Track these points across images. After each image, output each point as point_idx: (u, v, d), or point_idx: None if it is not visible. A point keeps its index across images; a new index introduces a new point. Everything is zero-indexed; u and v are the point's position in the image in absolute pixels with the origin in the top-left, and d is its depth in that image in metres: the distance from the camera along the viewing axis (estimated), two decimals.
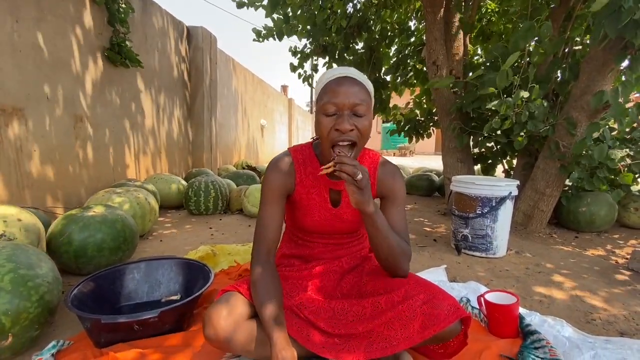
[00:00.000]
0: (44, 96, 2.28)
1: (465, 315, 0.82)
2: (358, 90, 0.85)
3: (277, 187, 0.96)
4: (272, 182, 0.96)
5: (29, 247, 1.09)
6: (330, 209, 1.00)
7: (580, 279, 1.65)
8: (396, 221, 0.98)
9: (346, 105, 0.84)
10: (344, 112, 0.84)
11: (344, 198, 1.01)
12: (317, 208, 0.99)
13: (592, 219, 2.45)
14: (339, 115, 0.85)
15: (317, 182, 0.99)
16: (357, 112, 0.85)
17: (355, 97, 0.84)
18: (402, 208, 1.02)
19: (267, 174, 0.98)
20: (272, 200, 0.96)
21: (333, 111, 0.85)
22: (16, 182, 2.10)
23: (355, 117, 0.86)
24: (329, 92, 0.85)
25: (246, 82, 6.60)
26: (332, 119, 0.85)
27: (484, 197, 1.88)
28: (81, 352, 0.96)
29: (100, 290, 1.19)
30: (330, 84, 0.86)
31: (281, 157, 1.00)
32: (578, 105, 2.17)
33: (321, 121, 0.86)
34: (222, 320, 0.81)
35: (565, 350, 1.03)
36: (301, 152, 1.01)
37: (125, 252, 1.62)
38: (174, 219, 2.78)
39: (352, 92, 0.84)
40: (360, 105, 0.85)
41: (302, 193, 0.99)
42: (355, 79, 0.87)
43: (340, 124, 0.84)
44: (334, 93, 0.84)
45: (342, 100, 0.84)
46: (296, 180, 0.98)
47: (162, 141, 3.77)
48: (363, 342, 0.87)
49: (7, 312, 0.90)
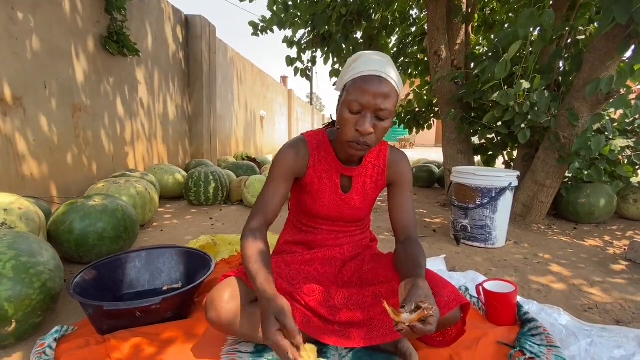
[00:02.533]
0: (42, 85, 2.26)
1: (465, 302, 0.83)
2: (387, 93, 0.82)
3: (288, 166, 0.97)
4: (283, 160, 0.97)
5: (30, 235, 1.09)
6: (341, 194, 1.01)
7: (577, 269, 1.67)
8: (405, 207, 1.02)
9: (371, 108, 0.83)
10: (368, 113, 0.83)
11: (354, 184, 1.02)
12: (327, 193, 1.00)
13: (591, 210, 2.46)
14: (362, 116, 0.84)
15: (329, 167, 1.00)
16: (380, 116, 0.84)
17: (382, 101, 0.82)
18: (411, 193, 1.05)
19: (280, 152, 0.98)
20: (279, 177, 0.96)
21: (357, 110, 0.84)
22: (15, 171, 2.09)
23: (378, 119, 0.85)
24: (357, 90, 0.83)
25: (245, 72, 6.54)
26: (355, 117, 0.84)
27: (484, 187, 1.88)
28: (84, 338, 0.97)
29: (102, 278, 1.19)
30: (361, 81, 0.83)
31: (296, 140, 1.01)
32: (580, 96, 2.15)
33: (344, 116, 0.85)
34: (225, 303, 0.82)
35: (562, 337, 1.04)
36: (315, 137, 1.02)
37: (126, 242, 1.63)
38: (174, 209, 2.78)
39: (380, 95, 0.82)
40: (384, 110, 0.83)
41: (313, 177, 0.99)
42: (388, 81, 0.83)
43: (362, 125, 0.83)
44: (362, 92, 0.82)
45: (369, 101, 0.82)
46: (309, 164, 0.99)
47: (161, 131, 3.75)
48: (363, 329, 0.88)
49: (10, 299, 0.91)
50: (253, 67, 7.02)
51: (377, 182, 1.04)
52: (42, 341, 0.94)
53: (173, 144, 4.00)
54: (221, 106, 5.22)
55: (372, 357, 0.92)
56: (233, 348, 0.91)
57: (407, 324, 0.65)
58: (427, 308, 0.65)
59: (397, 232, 1.03)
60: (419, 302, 0.68)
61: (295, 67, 3.65)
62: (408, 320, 0.65)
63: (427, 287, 0.75)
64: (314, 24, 3.31)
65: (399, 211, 1.02)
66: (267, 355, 0.90)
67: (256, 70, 7.26)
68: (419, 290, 0.72)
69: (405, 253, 0.92)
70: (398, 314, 0.67)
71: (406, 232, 1.01)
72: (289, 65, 3.55)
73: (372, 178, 1.03)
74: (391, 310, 0.67)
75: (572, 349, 0.99)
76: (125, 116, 3.14)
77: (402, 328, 0.65)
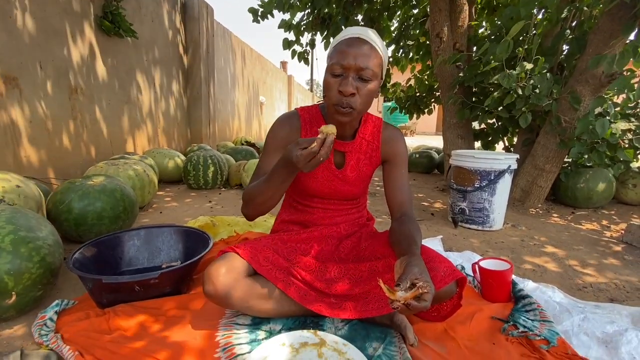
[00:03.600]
0: (37, 65, 2.22)
1: (461, 277, 0.84)
2: (368, 53, 0.84)
3: (282, 138, 0.97)
4: (277, 132, 0.98)
5: (28, 211, 1.09)
6: (334, 170, 1.01)
7: (573, 251, 1.68)
8: (400, 183, 1.02)
9: (352, 68, 0.83)
10: (350, 74, 0.83)
11: (347, 160, 1.01)
12: (320, 169, 1.00)
13: (589, 195, 2.46)
14: (344, 77, 0.84)
15: None
16: (363, 76, 0.84)
17: (363, 61, 0.83)
18: (406, 170, 1.05)
19: (273, 126, 0.99)
20: (274, 150, 0.97)
21: (339, 72, 0.84)
22: (13, 153, 2.08)
23: (361, 80, 0.85)
24: (338, 52, 0.84)
25: (244, 56, 6.44)
26: (338, 79, 0.85)
27: (483, 170, 1.88)
28: (84, 312, 0.98)
29: (102, 255, 1.20)
30: (342, 44, 0.85)
31: (289, 114, 1.01)
32: (583, 79, 2.13)
33: (327, 80, 0.86)
34: (221, 276, 0.82)
35: (555, 313, 1.06)
36: (308, 112, 1.01)
37: (125, 222, 1.63)
38: (173, 192, 2.78)
39: (360, 55, 0.82)
40: (366, 70, 0.83)
41: None
42: (368, 42, 0.85)
43: (343, 86, 0.83)
44: (343, 54, 0.83)
45: (349, 62, 0.83)
46: (302, 137, 0.99)
47: (159, 115, 3.72)
48: (359, 301, 0.89)
49: (9, 272, 0.92)
50: (252, 51, 6.91)
51: (371, 158, 1.04)
52: (43, 314, 0.96)
53: (171, 128, 3.97)
54: (220, 91, 5.16)
55: (368, 330, 0.93)
56: (230, 320, 0.93)
57: (402, 302, 0.66)
58: (421, 286, 0.66)
59: (393, 210, 1.03)
60: (414, 279, 0.69)
61: (293, 50, 3.55)
62: (403, 298, 0.66)
63: (422, 264, 0.75)
64: (314, 4, 3.24)
65: (394, 188, 1.02)
66: (263, 326, 0.91)
67: (255, 54, 7.15)
68: (414, 267, 0.72)
69: (400, 230, 0.92)
70: (393, 292, 0.67)
71: (401, 208, 1.01)
72: (286, 48, 3.46)
73: (367, 154, 1.03)
74: (386, 288, 0.67)
75: (565, 324, 1.00)
76: (123, 99, 3.10)
77: (397, 306, 0.66)
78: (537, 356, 0.86)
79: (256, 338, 0.87)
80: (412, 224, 0.94)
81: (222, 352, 0.82)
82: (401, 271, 0.74)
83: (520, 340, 0.92)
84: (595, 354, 0.89)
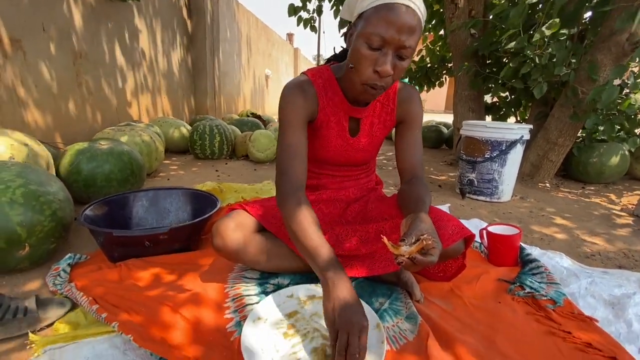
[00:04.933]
0: (40, 27, 2.17)
1: (470, 234, 0.83)
2: (414, 27, 0.71)
3: (302, 107, 0.85)
4: (296, 102, 0.84)
5: (38, 167, 1.10)
6: (348, 138, 0.95)
7: (582, 222, 1.67)
8: (414, 146, 0.97)
9: (394, 44, 0.71)
10: (389, 50, 0.72)
11: (362, 126, 0.96)
12: (334, 137, 0.94)
13: (601, 170, 2.41)
14: (383, 53, 0.72)
15: (337, 110, 0.92)
16: (402, 55, 0.73)
17: (407, 38, 0.71)
18: (419, 132, 1.00)
19: (288, 96, 0.85)
20: (297, 124, 0.84)
21: (378, 45, 0.72)
22: (20, 118, 2.08)
23: (398, 58, 0.74)
24: (381, 19, 0.70)
25: (250, 26, 6.26)
26: (374, 53, 0.73)
27: (494, 140, 1.84)
28: (96, 265, 1.01)
29: (111, 214, 1.22)
30: (386, 9, 0.70)
31: (299, 81, 0.88)
32: (605, 47, 2.02)
33: (362, 52, 0.74)
34: (230, 231, 0.83)
35: (562, 277, 1.06)
36: (320, 76, 0.90)
37: (133, 185, 1.64)
38: (180, 162, 2.79)
39: (406, 30, 0.70)
40: (408, 48, 0.73)
41: (322, 121, 0.92)
42: (416, 13, 0.71)
43: (382, 65, 0.72)
44: (387, 24, 0.70)
45: (392, 35, 0.70)
46: (319, 106, 0.89)
47: (164, 84, 3.67)
48: (365, 261, 0.89)
49: (22, 223, 0.93)
50: (258, 21, 6.70)
51: (385, 122, 0.99)
52: (57, 266, 0.98)
53: (176, 98, 3.93)
54: (225, 62, 5.05)
55: (374, 287, 0.94)
56: (239, 274, 0.94)
57: (406, 256, 0.65)
58: (426, 239, 0.64)
59: (403, 172, 1.00)
60: (419, 235, 0.67)
61: (299, 17, 3.38)
62: (407, 252, 0.65)
63: (429, 221, 0.73)
64: None
65: (407, 150, 0.98)
66: (271, 280, 0.93)
67: (261, 25, 6.94)
68: (420, 224, 0.71)
69: (410, 190, 0.89)
70: (397, 247, 0.66)
71: (412, 171, 0.98)
72: (292, 14, 3.30)
73: (380, 118, 0.98)
74: (390, 244, 0.66)
75: (572, 287, 1.00)
76: (127, 66, 3.05)
77: (401, 261, 0.64)
78: (543, 314, 0.87)
79: (264, 291, 0.89)
80: (422, 187, 0.91)
81: (231, 302, 0.83)
82: (406, 229, 0.73)
83: (526, 300, 0.93)
84: (601, 315, 0.89)
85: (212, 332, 0.74)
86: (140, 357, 0.68)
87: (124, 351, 0.69)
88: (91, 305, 0.79)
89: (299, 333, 0.73)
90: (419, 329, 0.77)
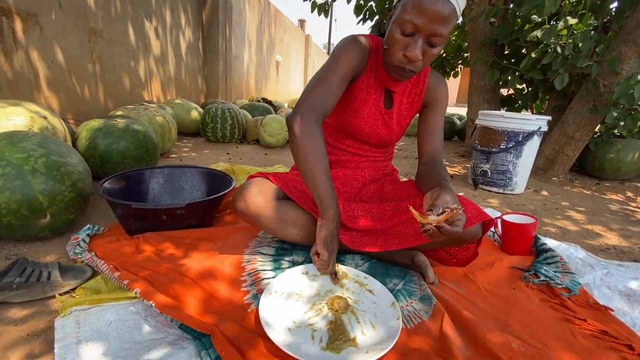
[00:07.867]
0: (57, 2, 2.17)
1: (488, 219, 0.82)
2: (448, 17, 0.73)
3: (357, 59, 0.87)
4: (352, 55, 0.86)
5: (58, 139, 1.11)
6: (382, 108, 0.97)
7: (597, 216, 1.64)
8: (436, 129, 1.00)
9: (426, 32, 0.75)
10: (420, 37, 0.76)
11: (395, 103, 0.98)
12: (369, 106, 0.95)
13: (618, 166, 2.36)
14: (414, 40, 0.76)
15: (377, 78, 0.94)
16: (433, 42, 0.77)
17: (440, 27, 0.74)
18: (443, 118, 1.03)
19: (349, 43, 0.87)
20: (342, 72, 0.85)
21: (410, 31, 0.76)
22: (35, 94, 2.10)
23: (429, 45, 0.77)
24: (416, 8, 0.73)
25: (262, 10, 6.17)
26: (406, 39, 0.77)
27: (511, 130, 1.81)
28: (114, 237, 1.02)
29: (128, 189, 1.23)
30: None
31: (363, 40, 0.89)
32: (630, 39, 1.96)
33: (394, 36, 0.78)
34: (253, 195, 0.86)
35: (577, 267, 1.05)
36: (376, 44, 0.92)
37: (147, 163, 1.66)
38: (192, 144, 2.80)
39: (439, 19, 0.73)
40: (440, 37, 0.75)
41: (363, 84, 0.94)
42: (450, 1, 0.73)
43: (411, 50, 0.77)
44: (420, 12, 0.73)
45: (424, 24, 0.73)
46: (366, 68, 0.92)
47: (176, 66, 3.66)
48: (380, 237, 0.89)
49: (44, 192, 0.95)
50: (270, 5, 6.60)
51: (412, 103, 1.00)
52: (76, 236, 1.00)
53: (188, 80, 3.92)
54: (236, 45, 5.00)
55: (387, 268, 0.94)
56: (255, 250, 0.95)
57: (434, 224, 0.65)
58: (456, 208, 0.65)
59: (423, 155, 1.01)
60: (445, 206, 0.68)
61: (313, 2, 3.34)
62: (435, 221, 0.65)
63: (454, 194, 0.74)
64: None
65: (429, 132, 1.00)
66: (286, 257, 0.94)
67: (273, 9, 6.84)
68: (446, 196, 0.72)
69: (429, 171, 0.91)
70: (425, 217, 0.66)
71: (432, 155, 0.99)
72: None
73: (409, 98, 1.00)
74: (417, 214, 0.67)
75: (587, 277, 1.00)
76: (140, 46, 3.05)
77: (429, 228, 0.65)
78: (558, 302, 0.86)
79: (280, 267, 0.90)
80: (441, 167, 0.92)
81: (248, 276, 0.84)
82: (432, 201, 0.73)
83: (540, 287, 0.92)
84: (616, 305, 0.89)
85: (230, 303, 0.75)
86: (160, 323, 0.70)
87: (145, 317, 0.71)
88: (112, 272, 0.80)
89: (314, 307, 0.74)
90: (433, 310, 0.78)
